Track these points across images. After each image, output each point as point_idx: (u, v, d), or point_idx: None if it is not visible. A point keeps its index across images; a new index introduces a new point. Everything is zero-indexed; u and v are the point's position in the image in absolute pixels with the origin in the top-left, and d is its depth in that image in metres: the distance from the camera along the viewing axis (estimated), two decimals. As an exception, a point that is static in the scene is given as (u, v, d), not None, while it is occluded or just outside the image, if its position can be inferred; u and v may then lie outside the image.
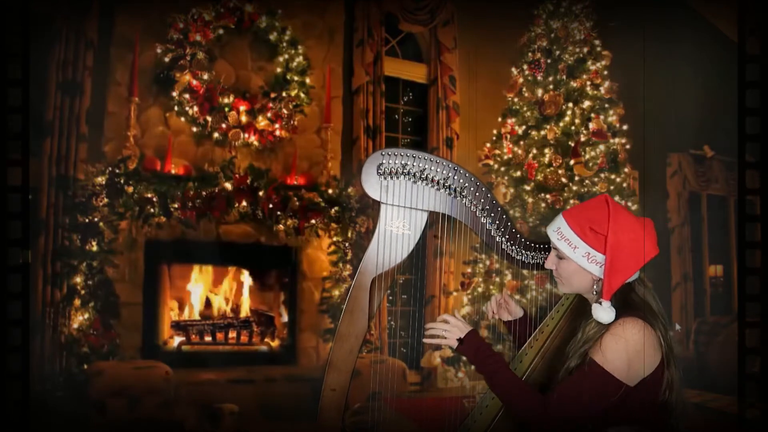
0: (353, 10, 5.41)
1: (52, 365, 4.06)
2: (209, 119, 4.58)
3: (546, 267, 1.69)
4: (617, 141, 4.45)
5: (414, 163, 1.65)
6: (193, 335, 4.78)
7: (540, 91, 4.57)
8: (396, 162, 1.64)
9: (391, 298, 5.58)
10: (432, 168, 1.65)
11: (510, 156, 4.66)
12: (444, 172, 1.66)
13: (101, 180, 4.11)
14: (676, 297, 6.81)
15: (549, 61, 4.57)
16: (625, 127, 4.53)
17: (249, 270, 5.07)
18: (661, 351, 1.51)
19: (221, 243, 4.66)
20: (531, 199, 4.44)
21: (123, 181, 4.17)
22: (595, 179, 4.33)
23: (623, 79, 4.64)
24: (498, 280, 4.50)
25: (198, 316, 4.89)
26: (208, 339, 4.80)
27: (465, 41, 5.85)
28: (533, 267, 1.77)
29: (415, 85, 5.99)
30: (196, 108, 4.54)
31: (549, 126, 4.46)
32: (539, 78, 4.58)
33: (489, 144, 4.80)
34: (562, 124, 4.44)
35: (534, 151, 4.52)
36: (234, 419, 3.89)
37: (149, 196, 4.21)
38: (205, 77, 4.57)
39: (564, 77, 4.48)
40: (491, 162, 4.74)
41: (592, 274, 1.59)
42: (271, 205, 4.55)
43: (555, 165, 4.37)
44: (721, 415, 4.20)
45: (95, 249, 4.10)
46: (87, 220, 4.08)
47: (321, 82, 5.08)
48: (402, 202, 1.65)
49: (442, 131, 5.74)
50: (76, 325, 4.05)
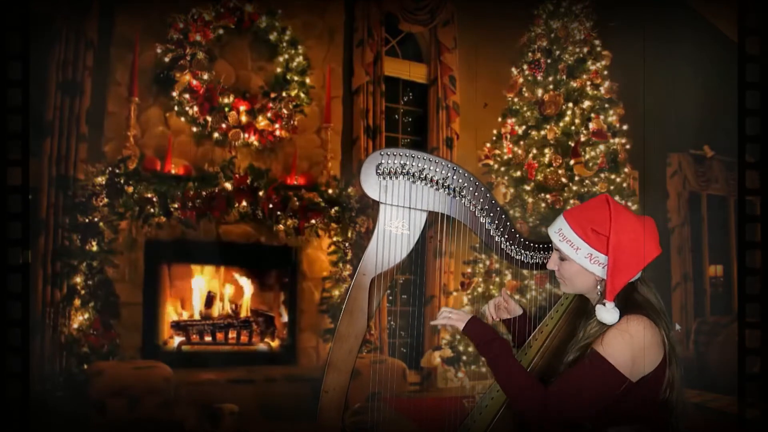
0: (353, 10, 5.41)
1: (52, 365, 4.06)
2: (209, 119, 4.58)
3: (548, 268, 1.68)
4: (617, 141, 4.45)
5: (413, 163, 1.65)
6: (193, 335, 4.78)
7: (540, 91, 4.57)
8: (395, 162, 1.64)
9: (391, 298, 5.58)
10: (431, 168, 1.65)
11: (510, 156, 4.66)
12: (443, 172, 1.66)
13: (101, 180, 4.11)
14: (676, 297, 6.81)
15: (549, 61, 4.57)
16: (625, 127, 4.53)
17: (249, 270, 5.06)
18: (664, 349, 1.51)
19: (221, 243, 4.66)
20: (531, 199, 4.44)
21: (123, 181, 4.18)
22: (595, 179, 4.33)
23: (623, 79, 4.64)
24: (498, 280, 4.51)
25: (198, 316, 4.89)
26: (208, 339, 4.80)
27: (465, 41, 5.85)
28: (533, 267, 1.77)
29: (415, 85, 5.99)
30: (196, 108, 4.54)
31: (549, 126, 4.46)
32: (539, 78, 4.58)
33: (489, 144, 4.80)
34: (562, 124, 4.44)
35: (534, 151, 4.52)
36: (234, 419, 3.89)
37: (149, 196, 4.21)
38: (205, 77, 4.57)
39: (564, 77, 4.48)
40: (491, 162, 4.74)
41: (594, 274, 1.58)
42: (271, 205, 4.55)
43: (555, 165, 4.37)
44: (721, 415, 4.20)
45: (95, 249, 4.10)
46: (87, 220, 4.08)
47: (321, 82, 5.08)
48: (401, 202, 1.65)
49: (442, 131, 5.73)
50: (76, 325, 4.05)
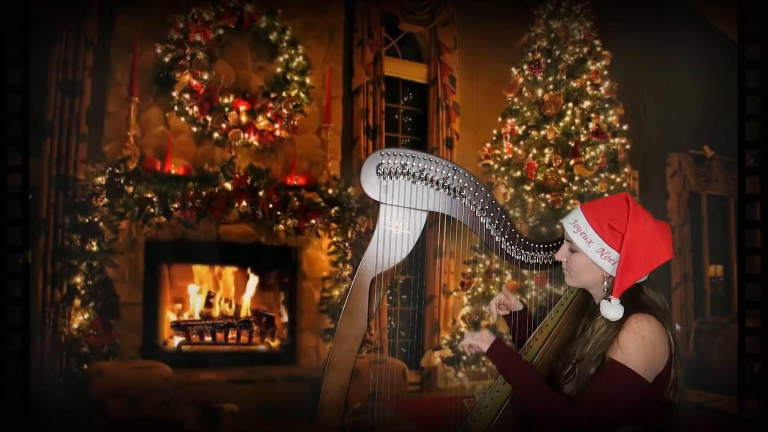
0: (353, 10, 5.41)
1: (52, 365, 4.05)
2: (209, 119, 4.58)
3: (557, 258, 1.68)
4: (617, 141, 4.44)
5: (413, 163, 1.65)
6: (193, 335, 4.77)
7: (540, 91, 4.56)
8: (395, 162, 1.64)
9: (391, 298, 5.58)
10: (431, 168, 1.65)
11: (510, 156, 4.66)
12: (443, 172, 1.65)
13: (101, 180, 4.11)
14: (676, 297, 6.81)
15: (549, 61, 4.57)
16: (625, 127, 4.53)
17: (249, 270, 5.06)
18: (670, 349, 1.52)
19: (221, 243, 4.66)
20: (531, 199, 4.44)
21: (123, 181, 4.17)
22: (595, 179, 4.33)
23: (623, 79, 4.64)
24: (498, 280, 4.50)
25: (198, 316, 4.89)
26: (208, 339, 4.80)
27: (465, 41, 5.84)
28: (533, 267, 1.77)
29: (415, 85, 5.99)
30: (196, 108, 4.54)
31: (549, 126, 4.46)
32: (539, 78, 4.58)
33: (489, 144, 4.80)
34: (562, 124, 4.44)
35: (534, 151, 4.51)
36: (234, 419, 3.89)
37: (149, 196, 4.21)
38: (205, 77, 4.57)
39: (564, 77, 4.48)
40: (491, 162, 4.74)
41: (603, 270, 1.58)
42: (271, 205, 4.55)
43: (555, 165, 4.37)
44: (721, 415, 4.20)
45: (95, 249, 4.10)
46: (87, 220, 4.08)
47: (321, 82, 5.08)
48: (401, 202, 1.65)
49: (442, 131, 5.73)
50: (76, 325, 4.05)
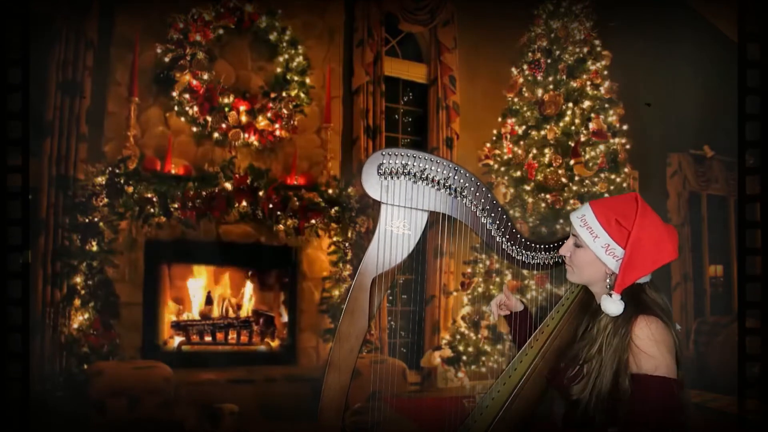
0: (353, 10, 5.41)
1: (52, 365, 4.05)
2: (209, 119, 4.58)
3: (561, 253, 1.67)
4: (617, 141, 4.44)
5: (414, 163, 1.64)
6: (193, 335, 4.77)
7: (540, 91, 4.56)
8: (396, 162, 1.64)
9: (391, 298, 5.58)
10: (432, 168, 1.65)
11: (510, 156, 4.66)
12: (444, 172, 1.65)
13: (101, 180, 4.11)
14: (676, 297, 6.81)
15: (549, 61, 4.57)
16: (625, 127, 4.53)
17: (250, 270, 5.06)
18: (675, 350, 1.52)
19: (221, 243, 4.66)
20: (531, 199, 4.44)
21: (123, 181, 4.17)
22: (595, 179, 4.33)
23: (623, 79, 4.64)
24: (498, 280, 4.50)
25: (198, 316, 4.89)
26: (208, 339, 4.80)
27: (465, 41, 5.84)
28: (534, 267, 1.76)
29: (415, 85, 5.99)
30: (196, 108, 4.54)
31: (549, 126, 4.45)
32: (539, 78, 4.58)
33: (489, 144, 4.80)
34: (562, 124, 4.44)
35: (534, 151, 4.51)
36: (234, 419, 3.89)
37: (149, 196, 4.21)
38: (205, 77, 4.57)
39: (564, 77, 4.48)
40: (491, 162, 4.73)
41: (606, 266, 1.58)
42: (271, 205, 4.55)
43: (555, 165, 4.36)
44: (721, 415, 4.20)
45: (95, 249, 4.10)
46: (87, 220, 4.08)
47: (321, 82, 5.08)
48: (402, 202, 1.65)
49: (442, 131, 5.73)
50: (76, 325, 4.05)
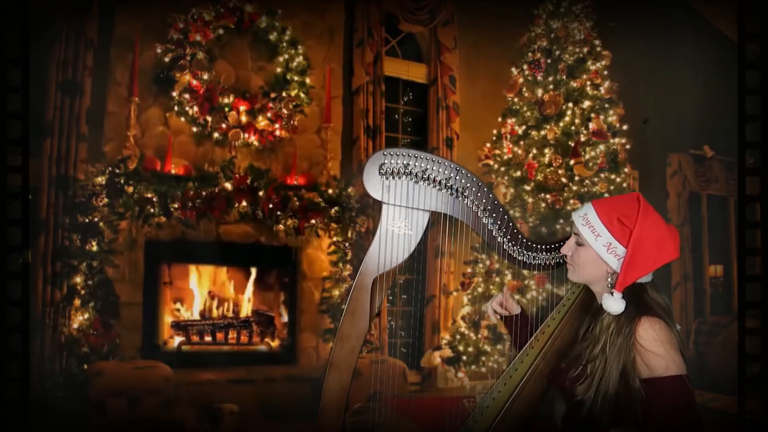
0: (353, 10, 5.41)
1: (52, 365, 4.05)
2: (209, 119, 4.58)
3: (562, 252, 1.67)
4: (617, 141, 4.44)
5: (416, 163, 1.64)
6: (193, 335, 4.77)
7: (540, 91, 4.56)
8: (398, 162, 1.64)
9: (392, 298, 5.58)
10: (434, 168, 1.65)
11: (510, 156, 4.66)
12: (446, 172, 1.65)
13: (101, 180, 4.11)
14: (676, 297, 6.81)
15: (549, 61, 4.57)
16: (625, 127, 4.53)
17: (250, 270, 5.06)
18: (679, 347, 1.52)
19: (221, 243, 4.66)
20: (531, 199, 4.44)
21: (123, 181, 4.17)
22: (595, 179, 4.33)
23: (623, 79, 4.64)
24: (498, 280, 4.50)
25: (198, 316, 4.89)
26: (208, 339, 4.80)
27: (465, 41, 5.84)
28: (534, 267, 1.76)
29: (415, 85, 5.99)
30: (196, 108, 4.54)
31: (549, 126, 4.45)
32: (539, 78, 4.58)
33: (489, 144, 4.80)
34: (562, 124, 4.43)
35: (534, 151, 4.51)
36: (234, 419, 3.89)
37: (149, 196, 4.21)
38: (205, 77, 4.57)
39: (564, 77, 4.48)
40: (491, 162, 4.73)
41: (608, 265, 1.58)
42: (271, 205, 4.55)
43: (555, 165, 4.36)
44: (721, 415, 4.20)
45: (95, 249, 4.10)
46: (87, 220, 4.08)
47: (321, 82, 5.08)
48: (404, 202, 1.65)
49: (442, 131, 5.73)
50: (76, 325, 4.05)
